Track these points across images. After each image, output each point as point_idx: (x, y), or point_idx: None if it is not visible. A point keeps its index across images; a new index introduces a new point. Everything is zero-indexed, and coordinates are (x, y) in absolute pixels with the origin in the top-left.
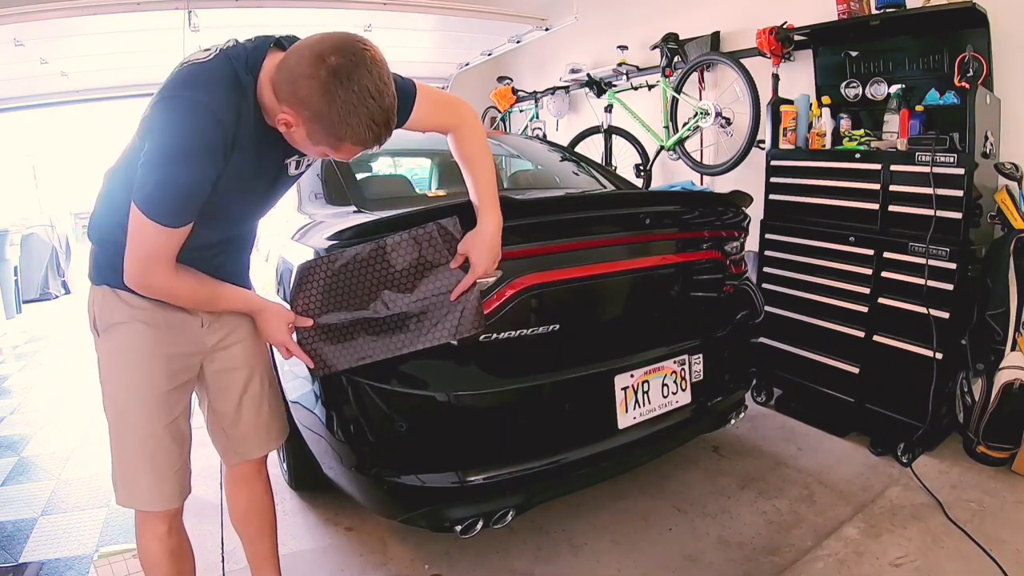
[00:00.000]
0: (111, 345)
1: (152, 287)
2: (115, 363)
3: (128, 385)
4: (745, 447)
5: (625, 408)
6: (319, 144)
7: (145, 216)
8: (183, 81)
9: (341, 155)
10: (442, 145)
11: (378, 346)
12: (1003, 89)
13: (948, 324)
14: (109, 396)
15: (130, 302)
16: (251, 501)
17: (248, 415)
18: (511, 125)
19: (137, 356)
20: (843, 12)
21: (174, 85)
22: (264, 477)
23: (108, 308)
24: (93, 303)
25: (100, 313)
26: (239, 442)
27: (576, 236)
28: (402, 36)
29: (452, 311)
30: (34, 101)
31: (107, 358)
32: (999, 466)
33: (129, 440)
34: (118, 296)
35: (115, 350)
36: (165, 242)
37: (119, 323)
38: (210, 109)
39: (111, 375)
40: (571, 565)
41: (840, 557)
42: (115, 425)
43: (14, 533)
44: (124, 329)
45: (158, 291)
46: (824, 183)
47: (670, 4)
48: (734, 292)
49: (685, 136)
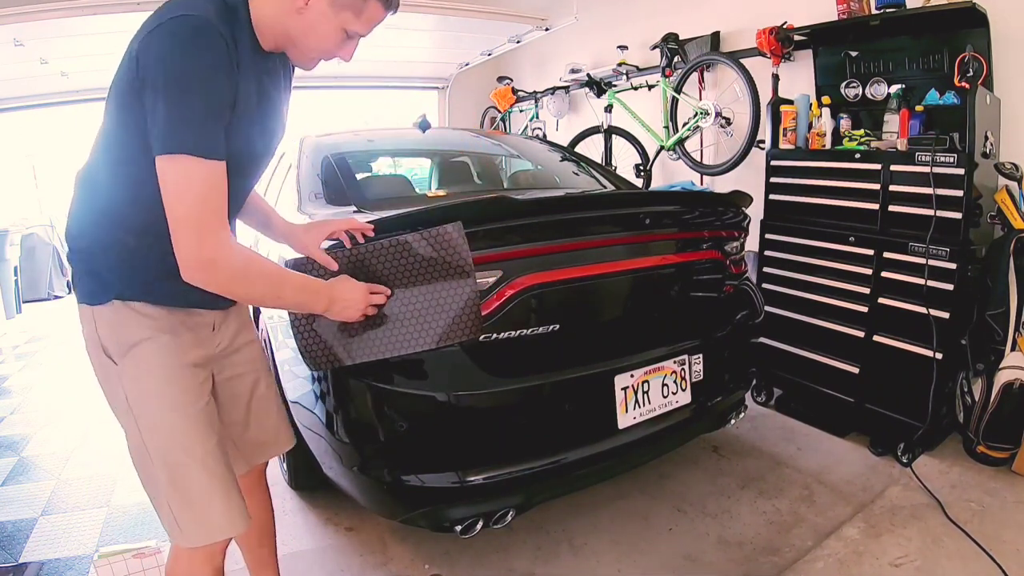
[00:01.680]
0: (138, 369)
1: (215, 264)
2: (148, 387)
3: (173, 406)
4: (745, 447)
5: (625, 408)
6: (343, 10)
7: (176, 154)
8: (172, 7)
9: (361, 23)
10: (442, 145)
11: (382, 344)
12: (1003, 89)
13: (948, 324)
14: (150, 426)
15: (149, 313)
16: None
17: (258, 419)
18: (511, 125)
19: (172, 372)
20: (843, 12)
21: (161, 14)
22: (265, 486)
23: (124, 327)
24: (99, 327)
25: (113, 336)
26: (250, 449)
27: (576, 236)
28: (402, 36)
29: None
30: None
31: (135, 384)
32: (999, 466)
33: (187, 467)
34: (133, 310)
35: (145, 373)
36: (210, 186)
37: (142, 340)
38: (210, 24)
39: (147, 401)
40: (571, 565)
41: (840, 557)
42: (166, 455)
43: (14, 533)
44: (149, 346)
45: (223, 268)
46: (824, 183)
47: (670, 4)
48: (734, 292)
49: (685, 136)
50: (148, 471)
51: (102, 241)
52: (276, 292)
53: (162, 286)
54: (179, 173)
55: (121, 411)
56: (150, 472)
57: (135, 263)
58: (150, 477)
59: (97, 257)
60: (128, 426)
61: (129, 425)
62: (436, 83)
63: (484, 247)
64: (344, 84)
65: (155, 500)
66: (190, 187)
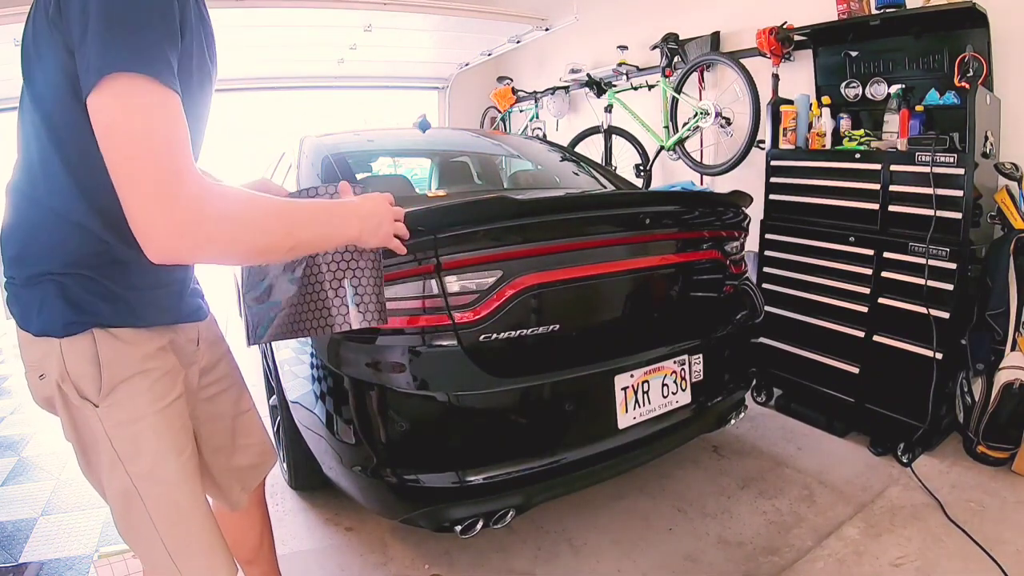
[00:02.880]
0: (127, 410)
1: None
2: (142, 429)
3: (173, 448)
4: (745, 447)
5: (625, 408)
6: None
7: (120, 73)
8: None
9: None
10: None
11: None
12: (1003, 89)
13: (948, 324)
14: (144, 473)
15: (134, 340)
16: (249, 529)
17: (245, 439)
18: (511, 125)
19: (167, 409)
20: (843, 12)
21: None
22: (265, 502)
23: (108, 361)
24: (69, 364)
25: (92, 372)
26: (242, 474)
27: (576, 236)
28: (402, 36)
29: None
30: None
31: (125, 428)
32: (999, 466)
33: (192, 513)
34: (117, 339)
35: (137, 414)
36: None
37: (132, 375)
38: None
39: (141, 446)
40: (571, 565)
41: (840, 557)
42: (166, 502)
43: (14, 533)
44: (141, 382)
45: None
46: (824, 183)
47: (670, 4)
48: (734, 292)
49: (685, 136)
50: (141, 523)
51: (63, 254)
52: (288, 229)
53: (151, 299)
54: (125, 99)
55: (101, 459)
56: (143, 524)
57: (115, 273)
58: (142, 529)
59: (61, 276)
60: (113, 475)
61: (115, 473)
62: (436, 83)
63: (484, 247)
64: (344, 84)
65: (148, 554)
66: (147, 118)
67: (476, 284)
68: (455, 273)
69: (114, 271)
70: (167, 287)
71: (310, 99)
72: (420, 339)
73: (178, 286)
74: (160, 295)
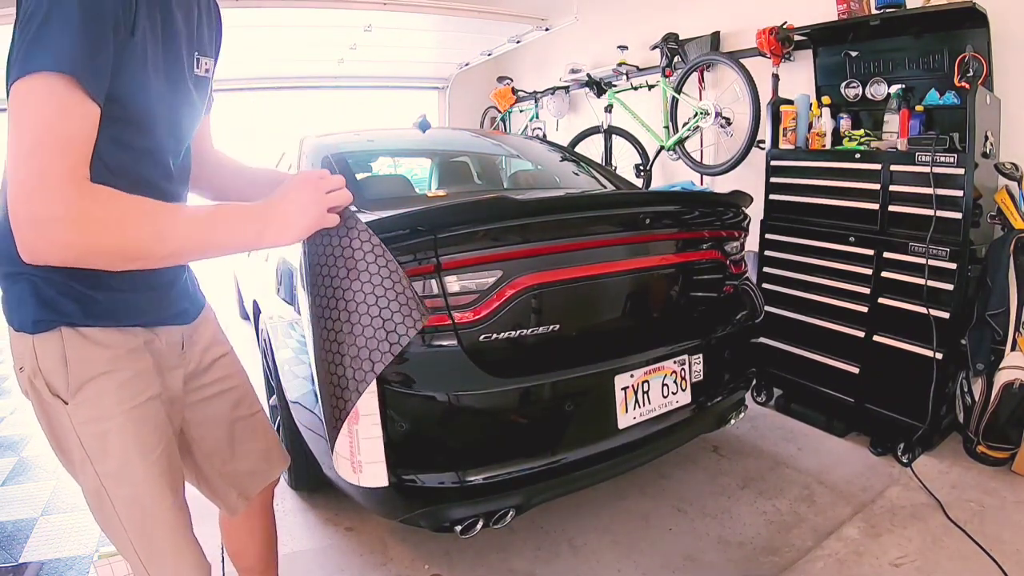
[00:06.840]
0: (94, 410)
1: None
2: (108, 429)
3: (139, 450)
4: (745, 447)
5: (625, 408)
6: None
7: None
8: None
9: None
10: (442, 145)
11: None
12: (1003, 89)
13: (948, 324)
14: (111, 473)
15: (105, 341)
16: (249, 536)
17: (244, 444)
18: (511, 125)
19: (135, 411)
20: (843, 12)
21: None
22: (272, 510)
23: (75, 360)
24: (41, 360)
25: (60, 370)
26: (240, 479)
27: (576, 236)
28: (402, 36)
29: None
30: None
31: (92, 427)
32: (999, 466)
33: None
34: (87, 339)
35: (103, 414)
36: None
37: (98, 375)
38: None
39: (107, 445)
40: (571, 565)
41: (840, 557)
42: (131, 504)
43: (14, 533)
44: (107, 382)
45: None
46: (824, 183)
47: (670, 4)
48: (734, 292)
49: (685, 136)
50: (111, 521)
51: None
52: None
53: (126, 301)
54: (24, 94)
55: (73, 456)
56: (113, 522)
57: (85, 274)
58: (113, 527)
59: (33, 275)
60: (83, 472)
61: (85, 471)
62: (436, 83)
63: (484, 247)
64: (344, 84)
65: (123, 551)
66: (37, 110)
67: (476, 284)
68: (455, 273)
69: (85, 272)
70: (151, 290)
71: (310, 99)
72: (420, 339)
73: (162, 289)
74: (139, 298)
